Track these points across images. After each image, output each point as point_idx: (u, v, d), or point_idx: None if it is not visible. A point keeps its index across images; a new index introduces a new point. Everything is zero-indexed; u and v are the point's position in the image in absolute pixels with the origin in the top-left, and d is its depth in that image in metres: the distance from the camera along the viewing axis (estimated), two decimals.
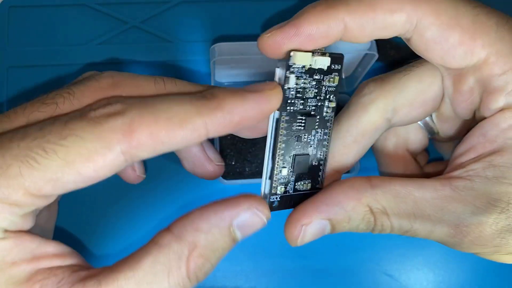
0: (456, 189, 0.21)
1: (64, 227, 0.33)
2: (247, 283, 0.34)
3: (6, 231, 0.18)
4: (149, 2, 0.37)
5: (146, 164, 0.34)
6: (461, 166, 0.22)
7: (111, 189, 0.34)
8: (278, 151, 0.21)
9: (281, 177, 0.22)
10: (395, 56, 0.36)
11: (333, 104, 0.22)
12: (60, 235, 0.33)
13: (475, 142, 0.22)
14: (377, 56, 0.31)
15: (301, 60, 0.20)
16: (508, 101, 0.21)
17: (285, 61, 0.20)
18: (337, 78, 0.22)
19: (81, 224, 0.34)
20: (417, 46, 0.21)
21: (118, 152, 0.17)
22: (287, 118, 0.21)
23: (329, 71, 0.22)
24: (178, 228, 0.19)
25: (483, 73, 0.21)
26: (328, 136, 0.23)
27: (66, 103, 0.19)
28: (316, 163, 0.23)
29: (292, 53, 0.20)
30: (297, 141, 0.22)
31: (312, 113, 0.22)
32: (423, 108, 0.23)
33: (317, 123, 0.22)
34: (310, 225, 0.21)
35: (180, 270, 0.18)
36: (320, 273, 0.34)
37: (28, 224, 0.19)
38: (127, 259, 0.19)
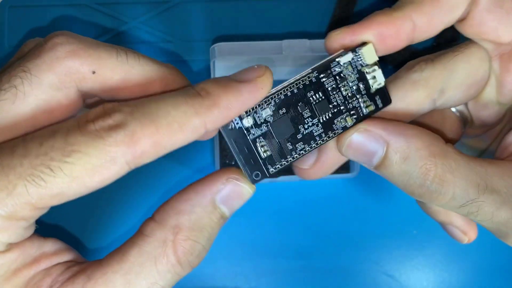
0: None
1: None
2: (247, 283, 0.34)
3: (11, 243, 0.18)
4: (149, 2, 0.37)
5: None
6: None
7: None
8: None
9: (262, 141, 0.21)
10: (397, 58, 0.36)
11: (350, 123, 0.21)
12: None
13: None
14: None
15: (367, 52, 0.21)
16: None
17: (353, 49, 0.21)
18: (372, 108, 0.21)
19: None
20: (471, 23, 0.21)
21: (122, 164, 0.17)
22: (304, 85, 0.20)
23: (372, 94, 0.21)
24: (160, 214, 0.19)
25: None
26: (321, 141, 0.21)
27: (25, 84, 0.18)
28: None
29: (366, 45, 0.20)
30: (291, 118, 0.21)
31: (333, 103, 0.21)
32: (468, 91, 0.23)
33: (327, 115, 0.21)
34: (367, 134, 0.20)
35: (168, 257, 0.18)
36: (320, 273, 0.34)
37: (30, 232, 0.19)
38: (115, 252, 0.19)
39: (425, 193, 0.20)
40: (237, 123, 0.20)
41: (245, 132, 0.20)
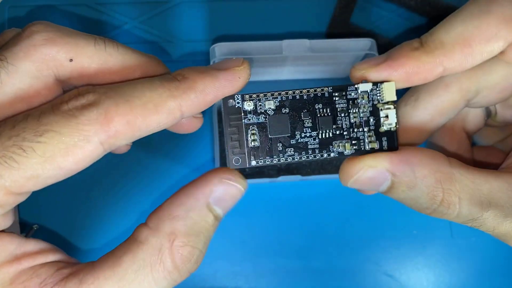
0: None
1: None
2: (247, 284, 0.34)
3: None
4: (149, 1, 0.37)
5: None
6: None
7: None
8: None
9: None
10: None
11: (348, 151, 0.21)
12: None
13: None
14: (377, 56, 0.31)
15: (388, 89, 0.20)
16: None
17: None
18: (375, 146, 0.21)
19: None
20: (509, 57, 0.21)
21: (96, 143, 0.17)
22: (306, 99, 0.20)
23: (380, 133, 0.21)
24: (153, 220, 0.19)
25: None
26: (312, 156, 0.21)
27: (2, 72, 0.18)
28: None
29: (389, 82, 0.20)
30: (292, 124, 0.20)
31: (337, 125, 0.20)
32: (502, 93, 0.22)
33: (328, 133, 0.21)
34: (372, 169, 0.20)
35: (164, 264, 0.18)
36: (320, 274, 0.34)
37: (7, 222, 0.18)
38: (109, 256, 0.18)
39: (432, 213, 0.20)
40: (238, 102, 0.20)
41: (242, 113, 0.20)
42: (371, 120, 0.21)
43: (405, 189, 0.20)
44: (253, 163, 0.20)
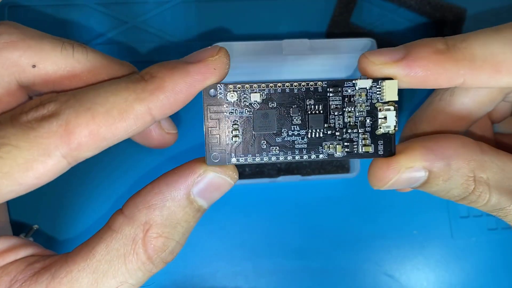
0: None
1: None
2: (247, 284, 0.34)
3: None
4: (149, 1, 0.37)
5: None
6: None
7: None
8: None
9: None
10: None
11: (339, 153, 0.19)
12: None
13: None
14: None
15: (390, 87, 0.18)
16: None
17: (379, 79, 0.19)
18: (369, 150, 0.19)
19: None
20: None
21: (58, 157, 0.16)
22: (293, 92, 0.18)
23: (376, 135, 0.19)
24: (129, 208, 0.18)
25: None
26: (299, 157, 0.19)
27: None
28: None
29: (391, 80, 0.18)
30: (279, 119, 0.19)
31: (329, 124, 0.19)
32: None
33: (318, 133, 0.19)
34: (409, 170, 0.19)
35: (138, 255, 0.17)
36: (320, 274, 0.34)
37: None
38: (82, 246, 0.18)
39: (460, 201, 0.20)
40: (220, 93, 0.18)
41: (225, 105, 0.18)
42: (368, 120, 0.19)
43: (439, 182, 0.19)
44: (233, 160, 0.19)
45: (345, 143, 0.19)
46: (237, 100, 0.18)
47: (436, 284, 0.35)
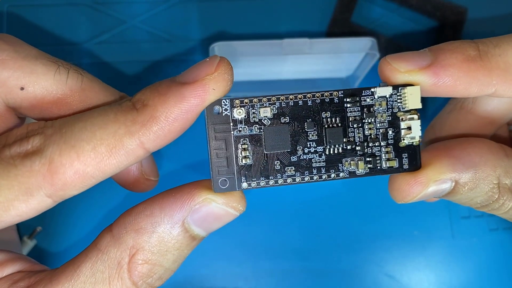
0: None
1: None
2: (246, 285, 0.34)
3: None
4: (149, 1, 0.37)
5: None
6: None
7: None
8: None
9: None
10: None
11: (361, 170, 0.17)
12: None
13: None
14: (378, 56, 0.31)
15: (412, 94, 0.17)
16: None
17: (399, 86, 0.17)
18: (394, 165, 0.17)
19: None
20: None
21: (42, 197, 0.15)
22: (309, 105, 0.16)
23: (399, 148, 0.17)
24: (118, 227, 0.16)
25: None
26: (318, 177, 0.17)
27: None
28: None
29: (413, 86, 0.17)
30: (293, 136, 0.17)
31: (349, 138, 0.17)
32: None
33: (337, 149, 0.17)
34: (438, 183, 0.17)
35: (123, 280, 0.16)
36: (320, 275, 0.34)
37: None
38: (68, 264, 0.16)
39: (482, 208, 0.19)
40: (226, 109, 0.16)
41: (231, 123, 0.16)
42: (390, 132, 0.17)
43: (465, 191, 0.18)
44: (244, 185, 0.17)
45: (367, 158, 0.17)
46: (245, 116, 0.16)
47: (437, 285, 0.34)
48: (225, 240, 0.34)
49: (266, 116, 0.16)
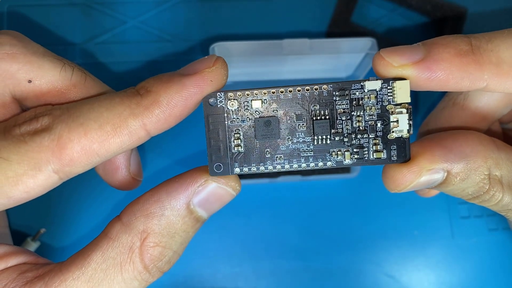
0: None
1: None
2: (246, 285, 0.34)
3: None
4: (149, 1, 0.37)
5: None
6: None
7: None
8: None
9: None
10: None
11: (348, 161, 0.18)
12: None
13: None
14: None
15: (401, 88, 0.17)
16: None
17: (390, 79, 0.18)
18: (381, 156, 0.18)
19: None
20: None
21: (49, 172, 0.16)
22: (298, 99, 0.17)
23: (388, 140, 0.18)
24: (127, 215, 0.17)
25: None
26: (306, 165, 0.18)
27: None
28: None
29: (403, 80, 0.17)
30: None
31: (337, 129, 0.18)
32: None
33: (324, 140, 0.18)
34: (430, 172, 0.18)
35: (135, 264, 0.17)
36: (320, 275, 0.34)
37: None
38: (77, 254, 0.17)
39: (473, 200, 0.19)
40: (221, 101, 0.18)
41: (225, 114, 0.18)
42: (379, 124, 0.18)
43: (456, 182, 0.18)
44: (237, 170, 0.18)
45: (355, 149, 0.18)
46: (238, 108, 0.18)
47: (436, 285, 0.34)
48: (225, 240, 0.34)
49: (258, 108, 0.18)
